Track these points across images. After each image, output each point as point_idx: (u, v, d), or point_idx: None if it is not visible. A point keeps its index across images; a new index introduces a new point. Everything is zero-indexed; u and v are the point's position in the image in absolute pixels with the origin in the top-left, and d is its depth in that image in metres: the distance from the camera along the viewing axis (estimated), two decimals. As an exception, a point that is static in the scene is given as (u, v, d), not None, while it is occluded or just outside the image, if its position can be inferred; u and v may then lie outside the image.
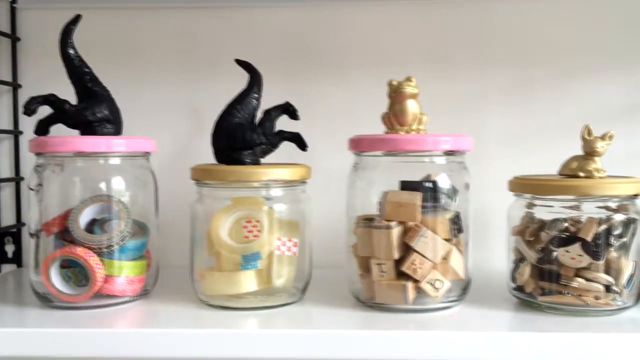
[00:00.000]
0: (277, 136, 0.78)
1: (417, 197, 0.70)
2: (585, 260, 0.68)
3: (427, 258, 0.69)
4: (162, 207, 0.81)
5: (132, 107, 0.83)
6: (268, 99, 0.79)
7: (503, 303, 0.74)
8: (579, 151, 0.74)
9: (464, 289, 0.73)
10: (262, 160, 0.78)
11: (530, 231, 0.73)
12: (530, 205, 0.74)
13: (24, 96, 0.92)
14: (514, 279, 0.74)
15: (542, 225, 0.72)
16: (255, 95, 0.77)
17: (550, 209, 0.72)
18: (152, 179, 0.79)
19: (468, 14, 0.92)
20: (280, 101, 0.78)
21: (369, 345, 0.64)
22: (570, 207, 0.72)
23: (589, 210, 0.71)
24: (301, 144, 0.79)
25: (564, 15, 0.92)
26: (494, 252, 0.82)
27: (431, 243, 0.69)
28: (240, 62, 0.79)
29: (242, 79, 0.78)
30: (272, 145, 0.78)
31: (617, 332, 0.65)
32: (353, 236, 0.74)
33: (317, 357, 0.65)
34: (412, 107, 0.72)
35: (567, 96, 0.92)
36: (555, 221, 0.71)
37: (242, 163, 0.75)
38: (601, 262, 0.68)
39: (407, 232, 0.70)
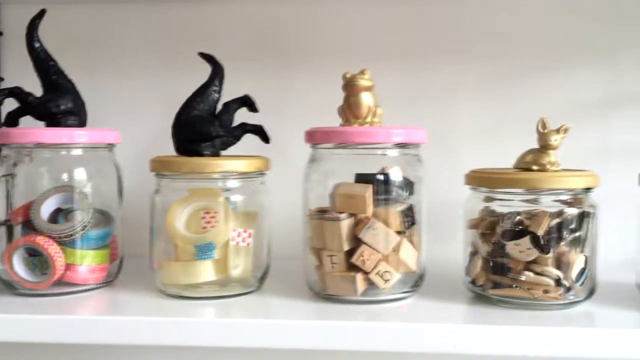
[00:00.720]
0: (239, 129, 0.78)
1: (367, 190, 0.70)
2: (534, 253, 0.68)
3: (376, 250, 0.69)
4: (131, 198, 0.83)
5: (103, 99, 0.84)
6: (238, 92, 0.79)
7: (457, 296, 0.74)
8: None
9: (416, 282, 0.73)
10: (224, 153, 0.79)
11: (485, 224, 0.72)
12: (489, 199, 0.74)
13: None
14: (468, 272, 0.74)
15: (499, 218, 0.72)
16: (216, 87, 0.78)
17: (507, 203, 0.72)
18: (115, 170, 0.80)
19: (439, 7, 0.92)
20: (253, 94, 0.79)
21: (319, 335, 0.65)
22: (527, 201, 0.71)
23: (547, 204, 0.70)
24: (264, 136, 0.79)
25: (537, 8, 0.91)
26: (455, 246, 0.82)
27: (381, 235, 0.70)
28: (204, 55, 0.80)
29: (213, 72, 0.80)
30: (234, 138, 0.78)
31: (566, 326, 0.64)
32: (309, 228, 0.75)
33: (267, 346, 0.66)
34: (366, 99, 0.72)
35: (537, 90, 0.91)
36: (508, 214, 0.71)
37: (201, 155, 0.76)
38: (549, 256, 0.68)
39: (358, 224, 0.70)
